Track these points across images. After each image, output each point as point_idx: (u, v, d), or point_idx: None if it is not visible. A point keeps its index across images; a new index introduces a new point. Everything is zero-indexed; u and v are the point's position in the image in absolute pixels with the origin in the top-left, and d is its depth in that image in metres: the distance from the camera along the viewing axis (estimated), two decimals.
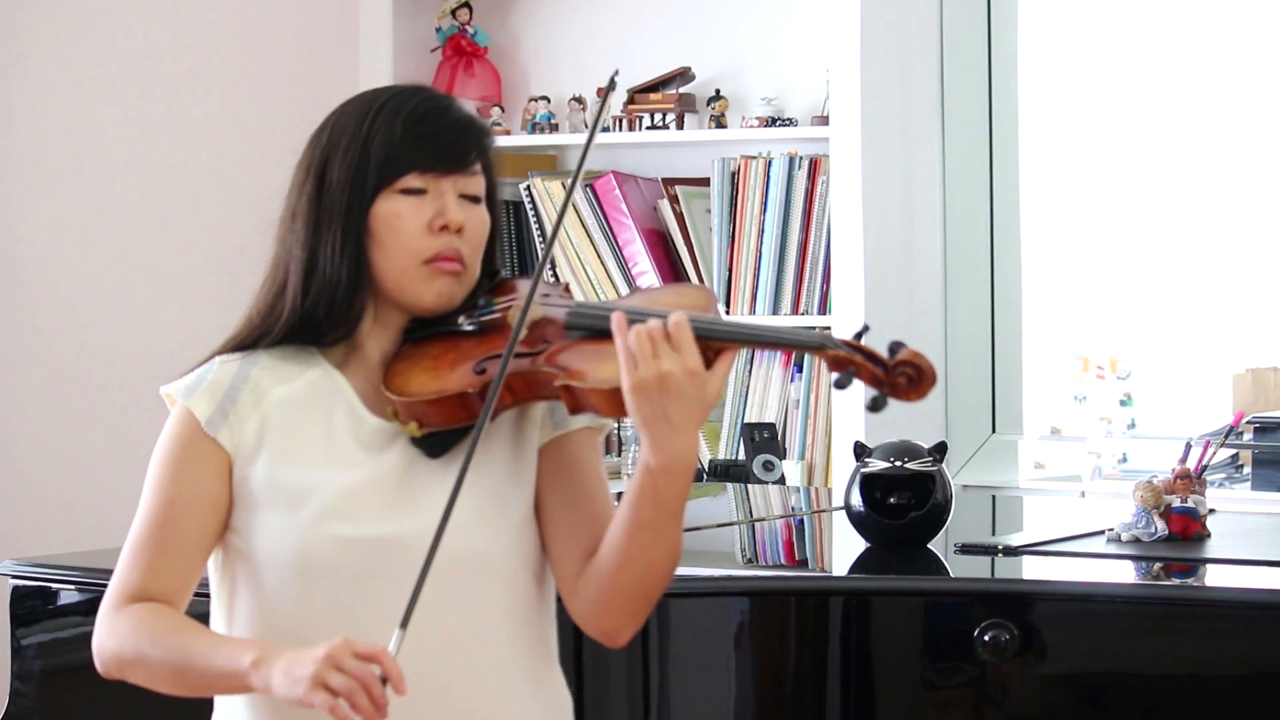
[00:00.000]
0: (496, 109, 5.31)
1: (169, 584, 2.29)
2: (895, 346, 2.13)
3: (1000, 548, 3.13)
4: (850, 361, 2.13)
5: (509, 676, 2.31)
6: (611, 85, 2.35)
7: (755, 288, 4.96)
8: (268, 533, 2.28)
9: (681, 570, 2.32)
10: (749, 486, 4.63)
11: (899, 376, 2.13)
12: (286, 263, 2.34)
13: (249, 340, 2.35)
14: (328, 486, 2.27)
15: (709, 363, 2.16)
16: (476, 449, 2.20)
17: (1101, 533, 3.17)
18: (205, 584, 2.36)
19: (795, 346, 2.19)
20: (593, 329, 2.24)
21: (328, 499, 2.27)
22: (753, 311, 4.97)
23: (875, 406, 2.13)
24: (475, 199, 2.34)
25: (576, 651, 2.84)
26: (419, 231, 2.30)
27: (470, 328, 2.32)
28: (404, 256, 2.30)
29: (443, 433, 2.28)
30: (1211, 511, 3.17)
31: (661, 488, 2.18)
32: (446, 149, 2.31)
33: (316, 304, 2.31)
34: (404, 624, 2.13)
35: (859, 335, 2.16)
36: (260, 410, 2.31)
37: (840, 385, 2.15)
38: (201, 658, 2.21)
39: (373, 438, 2.31)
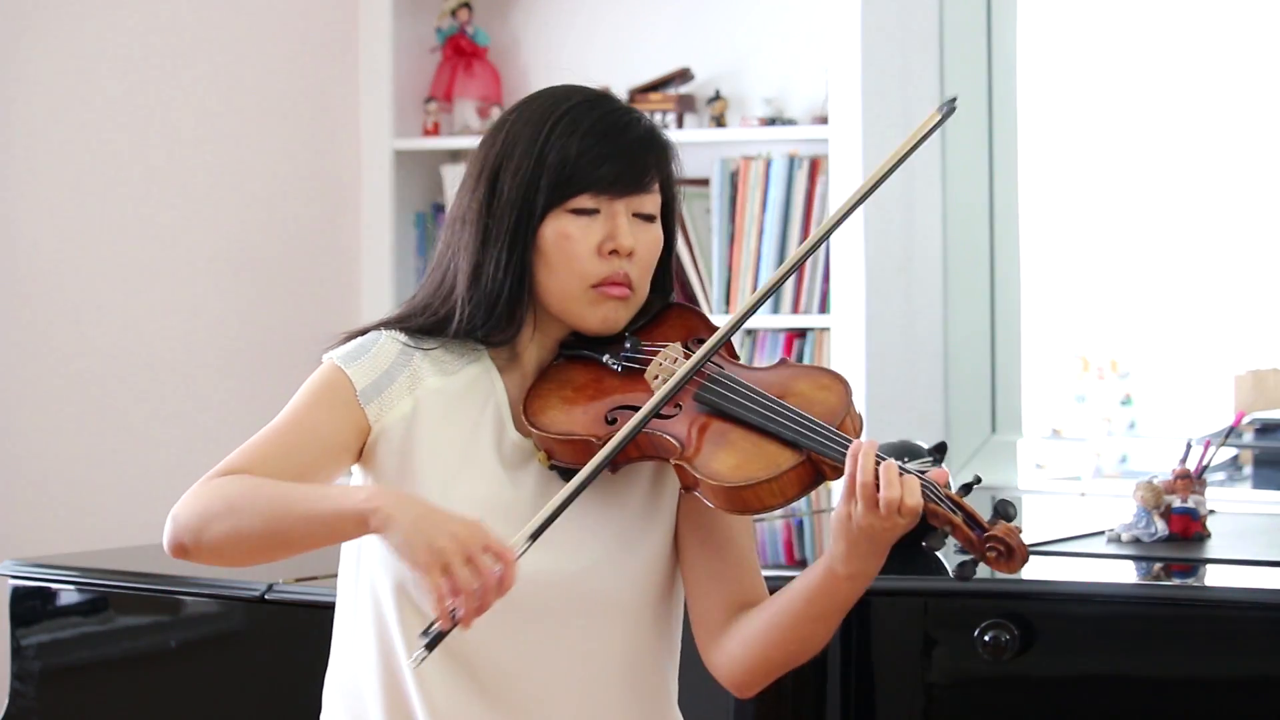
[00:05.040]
0: (496, 109, 5.31)
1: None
2: (998, 512, 2.10)
3: None
4: (949, 520, 2.11)
5: (618, 717, 2.29)
6: (949, 110, 2.21)
7: (755, 288, 4.96)
8: None
9: None
10: None
11: (989, 550, 2.10)
12: (454, 267, 2.28)
13: (415, 328, 2.29)
14: (464, 500, 2.22)
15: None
16: (611, 488, 2.20)
17: (1101, 533, 3.16)
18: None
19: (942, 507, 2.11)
20: (719, 410, 2.20)
21: (462, 513, 2.20)
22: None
23: (963, 574, 2.10)
24: (649, 218, 2.28)
25: None
26: (588, 254, 2.24)
27: (615, 367, 2.27)
28: (571, 279, 2.24)
29: (572, 467, 2.24)
30: (1212, 512, 3.17)
31: (843, 590, 2.18)
32: (623, 170, 2.24)
33: (477, 313, 2.26)
34: (533, 537, 2.11)
35: (967, 489, 2.14)
36: (414, 395, 2.26)
37: (930, 546, 2.13)
38: (304, 500, 2.13)
39: (512, 454, 2.27)
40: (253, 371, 5.05)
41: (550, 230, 2.24)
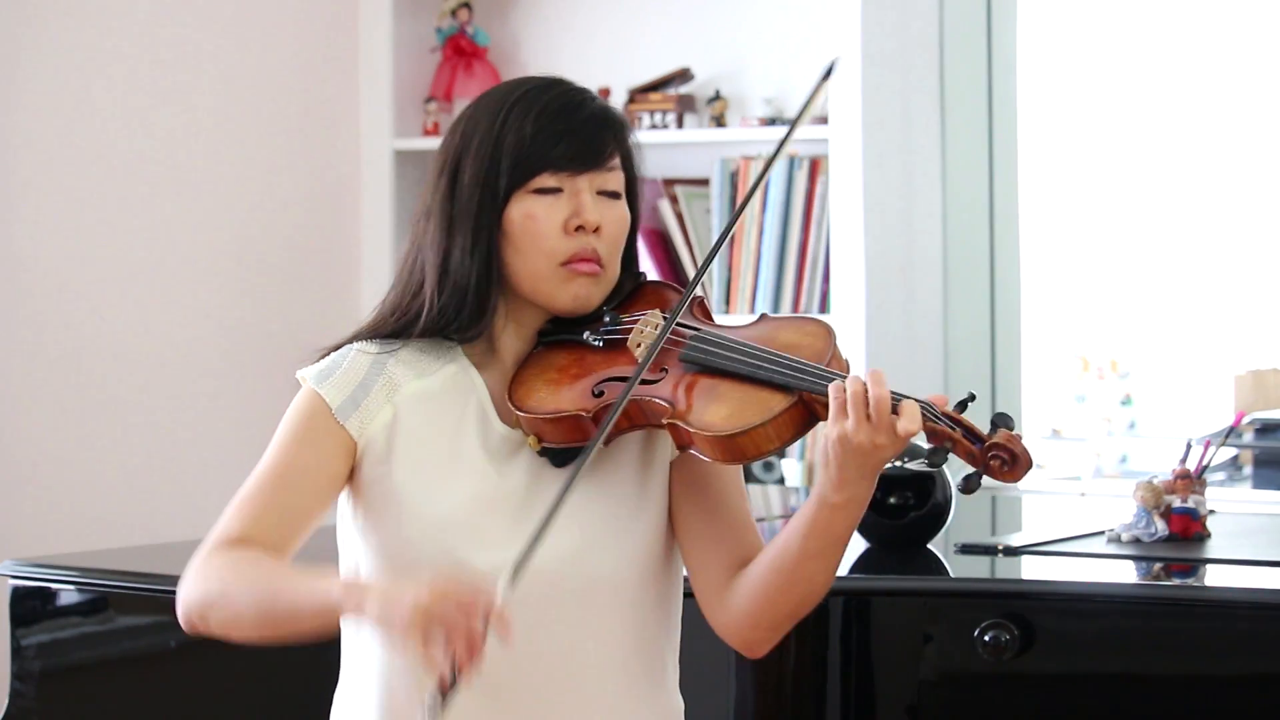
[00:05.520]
0: None
1: (270, 537, 2.21)
2: (996, 423, 2.10)
3: (1000, 548, 3.13)
4: (948, 436, 2.10)
5: (619, 702, 2.29)
6: (827, 74, 2.28)
7: (755, 287, 4.96)
8: (392, 536, 2.25)
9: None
10: (748, 486, 4.63)
11: (993, 459, 2.10)
12: (421, 261, 2.30)
13: (386, 332, 2.31)
14: (452, 498, 2.24)
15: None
16: (601, 467, 2.21)
17: (1101, 533, 3.17)
18: None
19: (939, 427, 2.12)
20: (706, 366, 2.21)
21: (451, 512, 2.23)
22: (752, 311, 4.97)
23: (968, 487, 2.10)
24: (614, 195, 2.29)
25: None
26: (554, 233, 2.25)
27: (596, 343, 2.28)
28: (539, 258, 2.26)
29: (564, 448, 2.25)
30: (1211, 512, 3.17)
31: (837, 522, 2.17)
32: (580, 146, 2.26)
33: (448, 305, 2.27)
34: (517, 568, 2.08)
35: (963, 405, 2.13)
36: (393, 402, 2.27)
37: (934, 464, 2.13)
38: (288, 590, 2.13)
39: (500, 445, 2.28)
40: (253, 371, 5.05)
41: (515, 212, 2.26)
